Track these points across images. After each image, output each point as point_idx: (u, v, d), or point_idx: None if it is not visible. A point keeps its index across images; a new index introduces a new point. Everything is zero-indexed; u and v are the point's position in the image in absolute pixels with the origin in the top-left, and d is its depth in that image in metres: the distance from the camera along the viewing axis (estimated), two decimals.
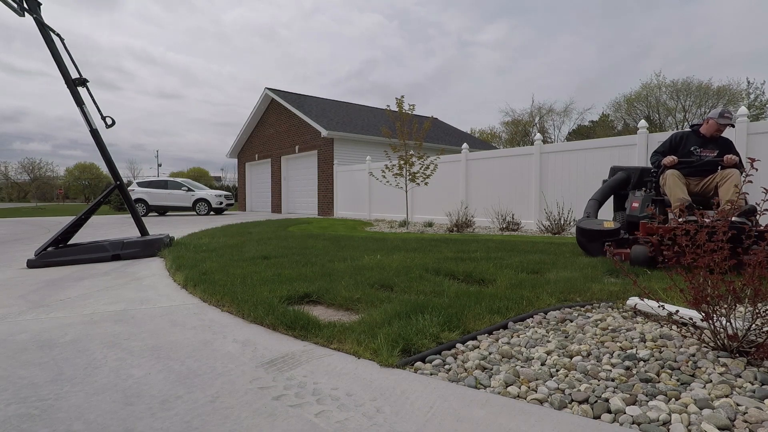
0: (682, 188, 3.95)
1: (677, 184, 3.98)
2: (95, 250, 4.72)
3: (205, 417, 1.35)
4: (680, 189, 3.95)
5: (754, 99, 25.51)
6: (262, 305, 2.47)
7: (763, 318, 1.70)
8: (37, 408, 1.41)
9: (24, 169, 51.88)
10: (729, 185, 3.78)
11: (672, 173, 4.04)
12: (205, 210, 15.58)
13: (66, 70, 4.87)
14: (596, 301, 2.69)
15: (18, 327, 2.32)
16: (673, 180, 4.01)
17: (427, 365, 1.75)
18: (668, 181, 4.04)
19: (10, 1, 4.48)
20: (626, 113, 30.83)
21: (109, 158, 5.19)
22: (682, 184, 3.97)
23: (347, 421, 1.32)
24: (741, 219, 3.38)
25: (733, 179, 3.83)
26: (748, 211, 3.46)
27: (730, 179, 3.84)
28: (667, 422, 1.31)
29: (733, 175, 3.84)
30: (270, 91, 18.19)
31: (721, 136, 4.16)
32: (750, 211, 3.46)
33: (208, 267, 3.75)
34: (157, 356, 1.87)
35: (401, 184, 9.71)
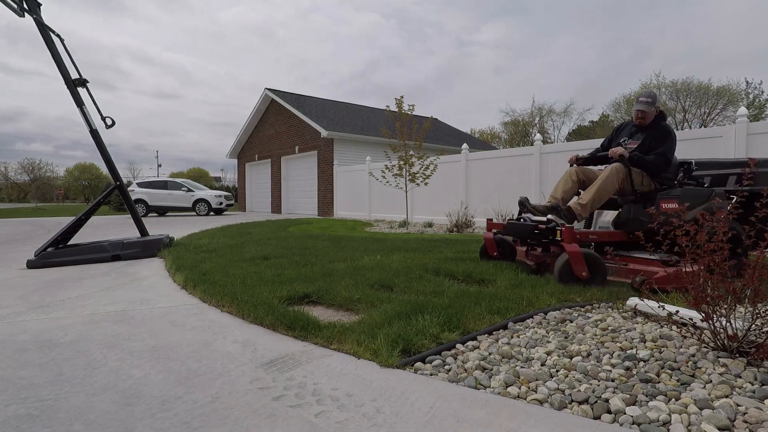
0: (565, 187, 3.61)
1: (561, 181, 3.67)
2: (95, 251, 4.72)
3: (204, 417, 1.35)
4: (560, 188, 3.63)
5: (754, 99, 25.52)
6: (262, 306, 2.47)
7: (763, 318, 1.70)
8: (37, 408, 1.41)
9: (24, 169, 51.90)
10: (593, 185, 3.45)
11: (568, 170, 3.75)
12: (204, 210, 15.57)
13: (66, 71, 4.87)
14: (596, 302, 2.69)
15: (18, 327, 2.32)
16: (563, 177, 3.72)
17: (427, 366, 1.75)
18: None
19: (10, 2, 4.48)
20: (626, 113, 30.84)
21: (108, 158, 5.19)
22: (572, 181, 3.62)
23: (347, 421, 1.32)
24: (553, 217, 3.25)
25: (599, 178, 3.45)
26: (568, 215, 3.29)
27: (598, 177, 3.50)
28: (667, 422, 1.31)
29: (605, 173, 3.44)
30: (270, 91, 18.19)
31: (656, 125, 3.68)
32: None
33: (208, 267, 3.75)
34: (157, 357, 1.87)
35: (401, 185, 9.71)
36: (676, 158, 3.76)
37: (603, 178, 3.41)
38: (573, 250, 2.93)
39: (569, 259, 2.93)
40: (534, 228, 3.29)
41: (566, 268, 2.97)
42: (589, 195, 3.38)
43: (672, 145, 3.56)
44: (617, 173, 3.40)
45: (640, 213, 3.34)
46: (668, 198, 3.36)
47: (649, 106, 3.60)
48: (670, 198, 3.36)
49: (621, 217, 3.45)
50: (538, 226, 3.27)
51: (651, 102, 3.60)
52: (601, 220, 3.80)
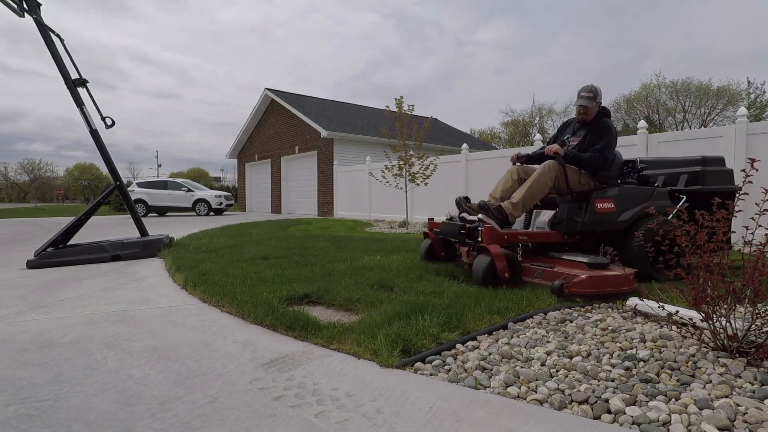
0: (504, 186, 3.46)
1: (502, 180, 3.53)
2: (95, 251, 4.72)
3: (204, 417, 1.35)
4: (499, 187, 3.49)
5: (755, 99, 25.51)
6: (261, 306, 2.47)
7: (763, 318, 1.70)
8: (36, 408, 1.41)
9: (24, 169, 51.88)
10: (524, 183, 3.31)
11: (509, 169, 3.61)
12: (204, 210, 15.57)
13: (66, 71, 4.87)
14: (596, 302, 2.69)
15: (18, 327, 2.31)
16: (503, 176, 3.57)
17: (427, 366, 1.75)
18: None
19: (10, 2, 4.48)
20: (626, 113, 30.82)
21: (108, 159, 5.19)
22: (513, 180, 3.47)
23: (347, 421, 1.32)
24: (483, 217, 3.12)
25: (531, 176, 3.33)
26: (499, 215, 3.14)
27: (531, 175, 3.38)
28: (667, 422, 1.31)
29: (538, 171, 3.32)
30: (270, 91, 18.19)
31: (597, 121, 3.49)
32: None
33: (207, 267, 3.75)
34: (157, 357, 1.87)
35: (401, 185, 9.71)
36: (620, 156, 3.62)
37: (535, 176, 3.29)
38: (496, 252, 2.83)
39: (493, 260, 2.82)
40: (461, 228, 3.21)
41: (490, 270, 2.84)
42: (520, 194, 3.24)
43: (611, 142, 3.39)
44: (550, 171, 3.27)
45: (574, 213, 3.21)
46: (603, 198, 3.23)
47: (591, 101, 3.42)
48: (605, 198, 3.23)
49: (556, 217, 3.31)
50: (465, 226, 3.18)
51: (593, 97, 3.43)
52: (538, 220, 3.65)
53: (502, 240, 3.02)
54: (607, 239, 3.34)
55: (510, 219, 3.19)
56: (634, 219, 3.28)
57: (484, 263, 2.87)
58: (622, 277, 2.70)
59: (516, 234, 3.14)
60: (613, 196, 3.26)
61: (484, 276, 2.85)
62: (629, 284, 2.72)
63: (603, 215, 3.20)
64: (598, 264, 2.76)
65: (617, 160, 3.57)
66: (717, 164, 3.78)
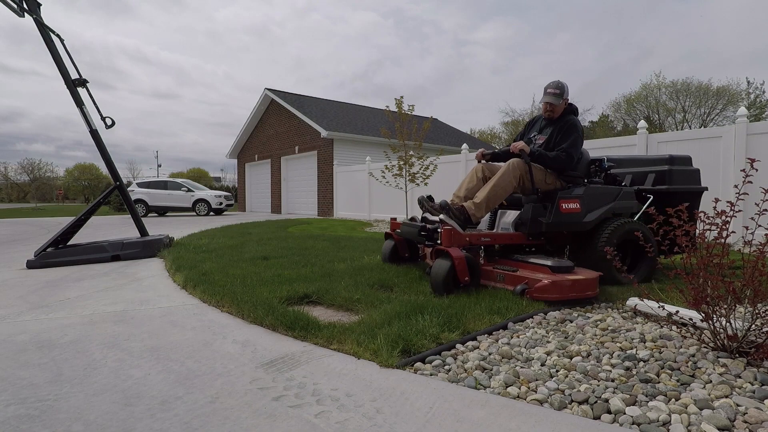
0: (469, 185, 3.30)
1: (466, 179, 3.38)
2: (95, 251, 4.72)
3: (204, 418, 1.35)
4: (464, 186, 3.33)
5: (755, 99, 25.51)
6: (261, 306, 2.47)
7: (763, 318, 1.70)
8: (36, 409, 1.41)
9: (23, 169, 51.76)
10: (488, 183, 3.17)
11: (474, 167, 3.46)
12: (204, 210, 15.56)
13: (66, 71, 4.87)
14: (596, 302, 2.69)
15: (17, 328, 2.31)
16: (468, 174, 3.43)
17: (427, 366, 1.75)
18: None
19: (10, 2, 4.48)
20: (626, 113, 30.83)
21: (108, 159, 5.19)
22: (477, 179, 3.32)
23: (347, 421, 1.32)
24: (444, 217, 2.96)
25: (495, 175, 3.18)
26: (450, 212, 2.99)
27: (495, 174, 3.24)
28: (667, 423, 1.31)
29: (502, 169, 3.17)
30: (270, 91, 18.19)
31: (564, 119, 3.37)
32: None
33: (207, 267, 3.75)
34: (157, 357, 1.87)
35: (401, 185, 9.71)
36: (587, 155, 3.52)
37: (499, 175, 3.14)
38: (457, 256, 2.66)
39: (453, 265, 2.66)
40: (421, 229, 3.06)
41: (450, 275, 2.67)
42: (483, 193, 3.10)
43: (577, 141, 3.27)
44: (515, 170, 3.13)
45: (539, 213, 3.07)
46: (568, 197, 3.11)
47: (558, 98, 3.30)
48: (570, 197, 3.11)
49: (521, 218, 3.17)
50: (425, 227, 3.05)
51: (559, 94, 3.30)
52: (503, 221, 3.47)
53: (464, 242, 2.88)
54: (573, 241, 3.28)
55: (473, 220, 3.05)
56: (601, 220, 3.19)
57: (444, 268, 2.68)
58: (587, 282, 2.61)
59: (478, 235, 2.99)
60: (578, 196, 3.14)
61: (444, 282, 2.66)
62: (593, 289, 2.64)
63: (568, 216, 3.08)
64: (562, 267, 2.66)
65: (584, 158, 3.47)
66: (684, 163, 3.71)
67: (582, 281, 2.60)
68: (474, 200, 3.10)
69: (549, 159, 3.22)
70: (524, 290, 2.58)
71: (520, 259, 2.94)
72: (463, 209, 3.04)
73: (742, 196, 1.84)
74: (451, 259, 2.67)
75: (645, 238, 3.13)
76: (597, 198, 3.22)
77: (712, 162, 5.79)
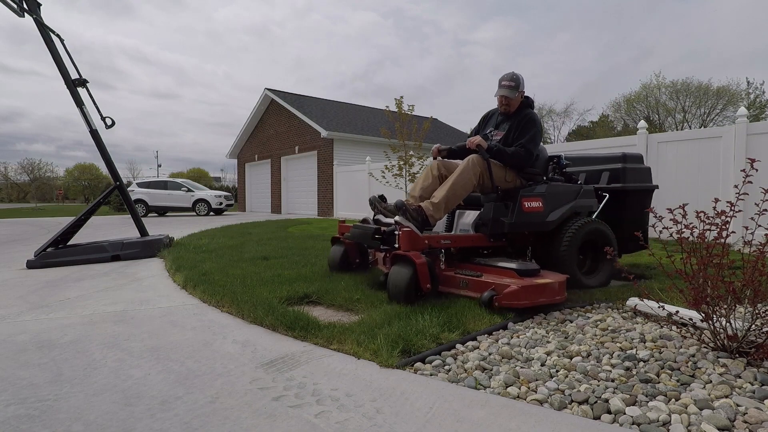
0: (424, 184, 3.09)
1: (421, 177, 3.18)
2: (95, 251, 4.72)
3: (204, 418, 1.35)
4: (419, 185, 3.12)
5: (755, 99, 25.51)
6: (261, 306, 2.47)
7: (763, 318, 1.70)
8: (36, 409, 1.41)
9: (23, 169, 51.74)
10: (446, 181, 2.96)
11: (429, 164, 3.24)
12: (204, 210, 15.56)
13: (66, 71, 4.87)
14: (596, 302, 2.69)
15: (17, 328, 2.31)
16: (423, 172, 3.24)
17: (426, 366, 1.75)
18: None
19: (10, 2, 4.48)
20: (626, 113, 30.84)
21: (108, 159, 5.19)
22: (433, 176, 3.11)
23: (347, 421, 1.32)
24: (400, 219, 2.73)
25: (453, 173, 2.96)
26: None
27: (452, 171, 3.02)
28: (667, 423, 1.31)
29: (460, 166, 2.97)
30: (269, 91, 18.19)
31: (521, 112, 3.18)
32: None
33: (207, 267, 3.75)
34: (157, 357, 1.87)
35: (401, 185, 9.70)
36: (545, 151, 3.38)
37: (457, 172, 2.92)
38: (420, 261, 2.44)
39: (415, 271, 2.45)
40: (375, 232, 2.80)
41: (413, 282, 2.45)
42: (442, 192, 2.87)
43: (536, 136, 3.09)
44: (473, 167, 2.92)
45: (500, 213, 2.90)
46: (531, 196, 2.95)
47: (513, 90, 3.11)
48: (533, 196, 2.96)
49: (481, 218, 2.99)
50: (380, 230, 2.80)
51: (515, 86, 3.11)
52: (462, 221, 3.26)
53: (423, 245, 2.65)
54: (535, 242, 3.14)
55: (431, 221, 2.81)
56: (563, 219, 3.05)
57: (405, 275, 2.46)
58: (555, 286, 2.47)
59: (438, 238, 2.76)
60: (540, 194, 2.99)
61: (406, 290, 2.44)
62: (562, 293, 2.51)
63: (531, 215, 2.92)
64: (529, 270, 2.50)
65: (542, 155, 3.32)
66: (636, 161, 3.64)
67: (551, 285, 2.45)
68: (432, 200, 2.87)
69: (508, 155, 3.03)
70: (492, 297, 2.35)
71: (484, 263, 2.75)
72: (421, 210, 2.79)
73: (742, 196, 1.84)
74: (412, 265, 2.45)
75: (607, 238, 3.09)
76: (559, 196, 3.08)
77: (712, 162, 5.79)
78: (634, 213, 3.50)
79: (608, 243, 3.13)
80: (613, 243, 3.16)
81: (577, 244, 2.97)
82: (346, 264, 3.50)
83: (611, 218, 3.37)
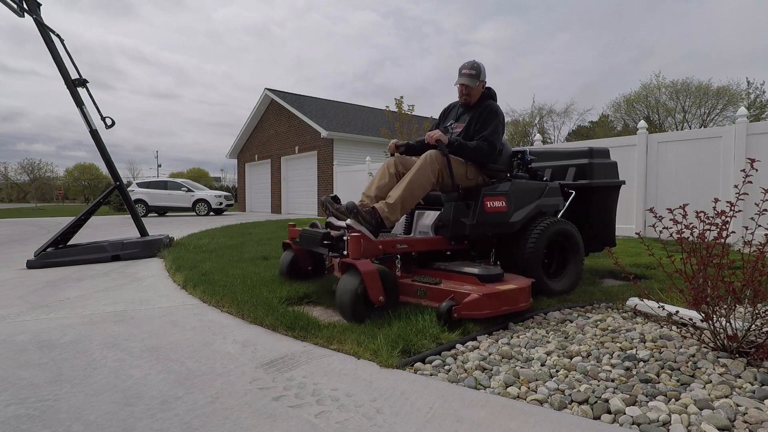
0: (380, 183, 2.84)
1: (377, 175, 2.92)
2: (95, 251, 4.72)
3: (204, 418, 1.35)
4: (374, 184, 2.86)
5: (755, 99, 25.51)
6: (261, 306, 2.47)
7: (763, 318, 1.70)
8: (36, 409, 1.41)
9: (23, 169, 51.77)
10: (402, 180, 2.71)
11: (386, 161, 3.01)
12: (204, 210, 15.57)
13: (66, 71, 4.87)
14: (596, 302, 2.69)
15: (17, 328, 2.31)
16: (379, 170, 2.96)
17: (427, 366, 1.75)
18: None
19: (10, 2, 4.48)
20: (626, 113, 30.82)
21: (108, 159, 5.19)
22: (390, 174, 2.86)
23: (347, 421, 1.32)
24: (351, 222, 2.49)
25: (410, 170, 2.71)
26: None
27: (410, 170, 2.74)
28: (667, 423, 1.31)
29: (417, 163, 2.72)
30: (269, 91, 18.20)
31: (482, 104, 2.98)
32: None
33: (207, 267, 3.75)
34: (157, 357, 1.87)
35: None
36: (509, 146, 3.15)
37: (414, 170, 2.68)
38: (367, 270, 2.18)
39: (363, 282, 2.18)
40: (324, 237, 2.53)
41: (361, 294, 2.19)
42: (397, 192, 2.62)
43: (498, 128, 2.87)
44: (432, 163, 2.69)
45: (461, 213, 2.68)
46: (494, 195, 2.74)
47: (474, 79, 2.89)
48: (495, 195, 2.74)
49: (441, 220, 2.75)
50: (329, 234, 2.54)
51: (475, 75, 2.89)
52: (421, 223, 2.97)
53: (377, 251, 2.43)
54: (499, 244, 2.92)
55: (387, 224, 2.57)
56: (527, 219, 2.85)
57: (351, 286, 2.20)
58: (520, 292, 2.29)
59: (393, 242, 2.53)
60: (504, 192, 2.77)
61: (353, 305, 2.18)
62: (526, 299, 2.33)
63: (494, 215, 2.71)
64: (492, 276, 2.33)
65: (505, 150, 3.08)
66: (603, 156, 3.47)
67: (515, 291, 2.27)
68: (387, 200, 2.62)
69: (469, 149, 2.82)
70: (451, 308, 2.12)
71: (443, 268, 2.55)
72: (375, 212, 2.55)
73: (742, 196, 1.84)
74: (359, 275, 2.19)
75: (574, 239, 2.95)
76: (524, 195, 2.89)
77: (712, 162, 5.79)
78: (601, 210, 3.39)
79: (575, 244, 2.98)
80: (580, 244, 3.00)
81: (543, 246, 2.78)
82: (296, 271, 3.22)
83: (577, 215, 3.23)
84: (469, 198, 2.76)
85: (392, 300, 2.31)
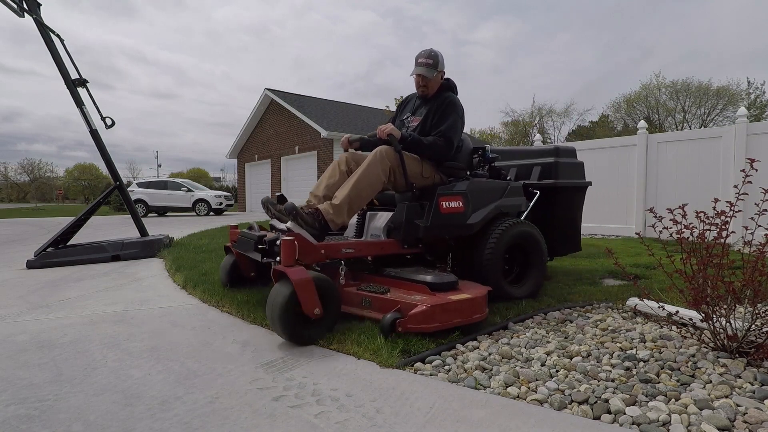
0: (329, 181, 2.60)
1: (327, 173, 2.68)
2: (95, 251, 4.72)
3: (204, 418, 1.35)
4: (323, 182, 2.62)
5: (755, 99, 25.52)
6: (261, 306, 2.46)
7: (763, 318, 1.70)
8: (36, 409, 1.41)
9: (23, 169, 51.77)
10: (350, 178, 2.49)
11: (337, 158, 2.80)
12: (204, 210, 15.56)
13: (66, 71, 4.87)
14: (596, 302, 2.69)
15: (17, 328, 2.31)
16: (329, 167, 2.72)
17: (427, 366, 1.75)
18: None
19: (10, 2, 4.48)
20: (626, 113, 30.84)
21: (108, 159, 5.18)
22: (340, 172, 2.63)
23: (347, 421, 1.32)
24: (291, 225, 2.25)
25: (358, 168, 2.50)
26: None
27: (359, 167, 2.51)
28: (667, 423, 1.31)
29: (366, 160, 2.51)
30: (269, 91, 18.21)
31: (440, 96, 2.76)
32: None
33: (208, 267, 3.75)
34: (157, 357, 1.87)
35: None
36: (469, 142, 2.96)
37: (363, 167, 2.46)
38: (298, 279, 1.90)
39: (295, 292, 1.89)
40: (258, 241, 2.32)
41: (290, 308, 1.90)
42: (344, 192, 2.40)
43: (456, 123, 2.66)
44: (382, 160, 2.48)
45: (415, 215, 2.48)
46: (450, 194, 2.54)
47: (431, 69, 2.67)
48: (452, 194, 2.55)
49: (393, 222, 2.53)
50: (263, 239, 2.32)
51: (433, 64, 2.68)
52: (373, 225, 2.72)
53: (319, 256, 2.21)
54: (457, 247, 2.73)
55: (332, 226, 2.35)
56: (486, 221, 2.67)
57: (281, 299, 1.90)
58: (474, 302, 2.09)
59: (337, 246, 2.30)
60: (461, 192, 2.59)
61: (283, 319, 1.89)
62: (482, 310, 2.13)
63: (450, 217, 2.51)
64: (444, 284, 2.16)
65: (465, 146, 2.89)
66: (570, 156, 3.35)
67: (469, 302, 2.07)
68: (333, 201, 2.40)
69: (424, 145, 2.61)
70: (394, 321, 1.94)
71: (394, 275, 2.37)
72: (318, 213, 2.33)
73: (742, 196, 1.84)
74: (290, 285, 1.91)
75: (537, 241, 2.78)
76: (483, 194, 2.70)
77: (712, 162, 5.79)
78: (566, 212, 3.29)
79: (538, 247, 2.78)
80: (543, 248, 2.82)
81: (503, 250, 2.59)
82: (237, 277, 3.01)
83: (541, 217, 3.10)
84: (424, 198, 2.57)
85: (332, 312, 2.04)
